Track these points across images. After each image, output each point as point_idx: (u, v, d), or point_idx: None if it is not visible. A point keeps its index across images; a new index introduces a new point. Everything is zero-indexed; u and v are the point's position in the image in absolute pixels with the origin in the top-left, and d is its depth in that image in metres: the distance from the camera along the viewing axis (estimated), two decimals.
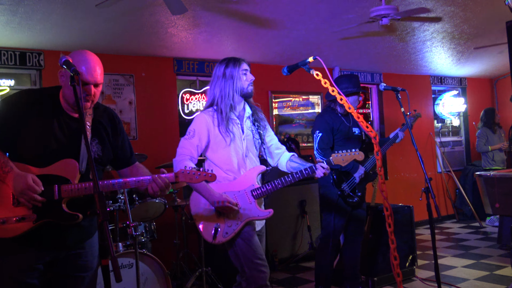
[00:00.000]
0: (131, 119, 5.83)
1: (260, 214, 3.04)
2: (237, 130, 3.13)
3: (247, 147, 3.17)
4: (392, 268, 2.55)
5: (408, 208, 5.33)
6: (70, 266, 2.49)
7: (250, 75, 3.15)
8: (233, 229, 2.97)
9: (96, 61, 2.43)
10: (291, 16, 4.92)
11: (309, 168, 3.06)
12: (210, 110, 3.13)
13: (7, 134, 2.34)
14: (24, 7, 4.05)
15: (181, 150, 3.02)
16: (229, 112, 3.08)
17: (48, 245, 2.40)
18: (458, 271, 5.47)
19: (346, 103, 2.56)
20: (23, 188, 2.23)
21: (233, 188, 3.05)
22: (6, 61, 5.09)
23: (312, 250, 5.99)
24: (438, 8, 4.99)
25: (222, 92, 3.09)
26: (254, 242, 3.02)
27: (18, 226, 2.29)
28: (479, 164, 8.43)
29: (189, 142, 3.04)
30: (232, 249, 3.04)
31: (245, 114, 3.20)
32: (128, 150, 2.69)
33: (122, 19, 4.56)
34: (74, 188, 2.33)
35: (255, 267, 2.96)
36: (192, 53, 6.10)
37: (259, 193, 3.05)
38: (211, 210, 3.01)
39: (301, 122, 7.43)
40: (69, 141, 2.41)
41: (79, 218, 2.37)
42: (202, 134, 3.06)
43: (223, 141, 3.07)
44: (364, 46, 6.45)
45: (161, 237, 5.14)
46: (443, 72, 8.85)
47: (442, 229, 8.10)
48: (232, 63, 3.12)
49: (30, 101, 2.40)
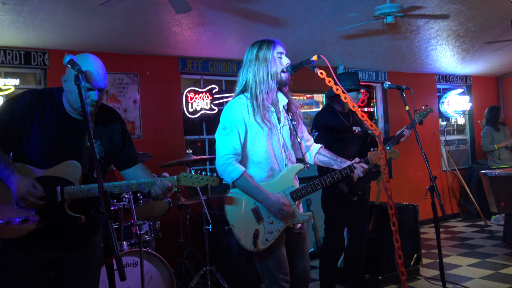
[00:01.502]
0: (136, 118, 5.84)
1: (300, 217, 2.86)
2: (274, 119, 2.85)
3: (284, 139, 2.90)
4: (397, 267, 2.54)
5: (412, 207, 5.32)
6: (73, 265, 2.50)
7: (285, 58, 2.84)
8: (273, 235, 2.78)
9: (100, 65, 2.41)
10: (295, 14, 4.91)
11: (348, 168, 2.90)
12: (242, 97, 2.83)
13: (10, 134, 2.34)
14: (29, 7, 4.06)
15: (223, 151, 2.76)
16: (265, 98, 2.80)
17: (52, 245, 2.42)
18: (463, 270, 5.45)
19: (350, 102, 2.55)
20: (23, 193, 2.24)
21: (272, 189, 2.80)
22: (11, 61, 5.11)
23: (317, 249, 5.99)
24: (443, 6, 4.97)
25: (256, 76, 2.79)
26: (280, 254, 2.83)
27: (22, 227, 2.30)
28: (484, 163, 8.40)
29: (228, 138, 2.76)
30: (257, 255, 2.87)
31: (280, 102, 2.93)
32: (131, 151, 2.68)
33: (126, 18, 4.56)
34: (77, 189, 2.34)
35: (275, 281, 2.79)
36: (197, 52, 6.11)
37: (299, 195, 2.86)
38: (250, 216, 2.80)
39: (306, 120, 7.42)
40: (71, 142, 2.41)
41: (81, 220, 2.38)
42: (240, 125, 2.76)
43: (260, 132, 2.79)
44: (368, 45, 6.43)
45: (166, 236, 5.15)
46: (448, 70, 8.82)
47: (447, 227, 8.08)
48: (266, 45, 2.83)
49: (33, 102, 2.39)
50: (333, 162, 3.04)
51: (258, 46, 2.85)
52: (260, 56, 2.81)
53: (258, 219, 2.79)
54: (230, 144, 2.74)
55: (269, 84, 2.80)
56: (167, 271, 4.14)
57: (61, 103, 2.44)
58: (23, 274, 2.36)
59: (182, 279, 5.07)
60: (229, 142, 2.74)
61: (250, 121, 2.77)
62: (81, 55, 2.40)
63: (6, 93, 5.01)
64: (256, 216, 2.80)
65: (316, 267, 5.76)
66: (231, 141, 2.75)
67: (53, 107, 2.42)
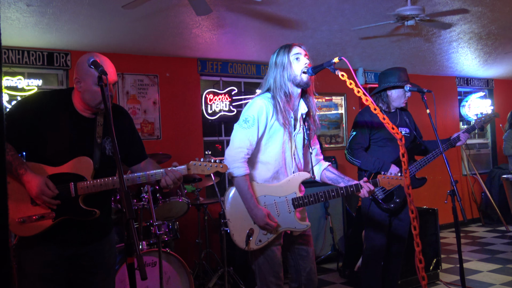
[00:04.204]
0: (155, 119, 5.88)
1: (297, 226, 2.87)
2: (291, 126, 2.88)
3: (297, 146, 2.94)
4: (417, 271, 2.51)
5: (432, 211, 5.26)
6: (90, 263, 2.55)
7: (304, 58, 2.84)
8: (267, 237, 2.81)
9: (110, 61, 2.51)
10: (315, 17, 4.90)
11: (355, 186, 2.89)
12: (267, 96, 2.87)
13: (23, 133, 2.40)
14: (52, 8, 4.12)
15: (239, 142, 2.79)
16: (286, 102, 2.82)
17: (68, 242, 2.47)
18: (484, 275, 5.37)
19: (371, 104, 2.53)
20: (37, 192, 2.29)
21: (275, 192, 2.85)
22: (34, 61, 5.20)
23: (335, 252, 5.96)
24: (466, 8, 4.91)
25: (275, 82, 2.84)
26: (274, 258, 2.86)
27: (38, 224, 2.36)
28: (506, 167, 8.27)
29: (247, 132, 2.78)
30: (251, 256, 2.92)
31: (300, 110, 2.95)
32: (140, 146, 2.74)
33: (147, 20, 4.60)
34: (90, 184, 2.39)
35: (267, 284, 2.84)
36: (216, 54, 6.13)
37: (301, 203, 2.87)
38: (247, 214, 2.82)
39: (324, 123, 7.39)
40: (83, 140, 2.47)
41: (96, 214, 2.43)
42: (261, 122, 2.79)
43: (276, 134, 2.83)
44: (388, 47, 6.39)
45: (184, 236, 5.18)
46: (469, 73, 8.71)
47: (467, 232, 7.97)
48: (282, 50, 2.87)
49: (45, 102, 2.46)
50: (340, 180, 3.03)
51: (277, 53, 2.91)
52: (278, 62, 2.86)
53: None
54: (247, 138, 2.78)
55: (288, 88, 2.83)
56: (185, 272, 4.16)
57: (71, 103, 2.50)
58: (40, 272, 2.41)
59: (200, 280, 5.09)
60: (246, 135, 2.78)
61: (271, 121, 2.80)
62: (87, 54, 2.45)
63: (29, 93, 5.09)
64: None
65: (333, 269, 5.75)
66: (249, 135, 2.78)
67: (64, 106, 2.48)
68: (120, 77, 5.67)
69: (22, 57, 5.16)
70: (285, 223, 2.85)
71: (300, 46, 2.90)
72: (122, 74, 5.68)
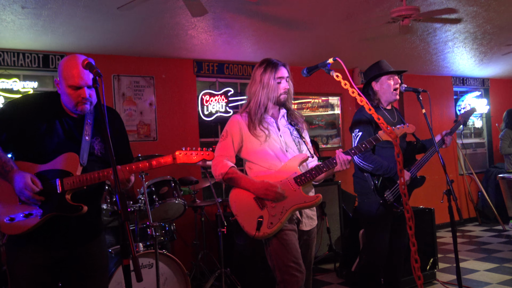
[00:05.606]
0: (152, 120, 5.88)
1: (307, 199, 2.88)
2: (272, 127, 3.07)
3: (286, 142, 3.07)
4: (413, 271, 2.52)
5: (429, 211, 5.27)
6: (81, 266, 2.55)
7: (284, 83, 3.06)
8: (278, 218, 2.84)
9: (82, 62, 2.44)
10: (311, 17, 4.91)
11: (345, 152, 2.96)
12: (243, 112, 3.13)
13: (11, 135, 2.43)
14: (47, 11, 4.12)
15: (217, 153, 3.03)
16: (263, 113, 3.07)
17: (57, 243, 2.47)
18: (481, 274, 5.38)
19: (367, 105, 2.53)
20: (21, 187, 2.31)
21: (275, 178, 2.92)
22: (30, 64, 5.19)
23: (332, 252, 5.96)
24: (461, 8, 4.92)
25: (256, 98, 3.08)
26: (290, 243, 2.89)
27: (26, 222, 2.37)
28: (502, 166, 8.30)
29: (223, 143, 3.06)
30: (267, 248, 2.95)
31: (280, 113, 3.14)
32: (126, 149, 2.76)
33: (143, 21, 4.60)
34: (76, 180, 2.40)
35: (287, 270, 2.84)
36: (212, 55, 6.13)
37: (303, 179, 2.91)
38: (253, 204, 2.90)
39: (320, 123, 7.40)
40: (70, 138, 2.49)
41: (83, 209, 2.42)
42: (235, 134, 3.05)
43: (257, 141, 3.03)
44: (384, 47, 6.40)
45: (181, 237, 5.17)
46: (465, 73, 8.73)
47: (464, 232, 7.99)
48: (269, 69, 3.05)
49: (34, 104, 2.50)
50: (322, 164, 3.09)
51: (264, 68, 3.08)
52: (264, 80, 3.05)
53: (261, 206, 2.89)
54: (224, 148, 3.05)
55: (267, 104, 3.08)
56: (181, 273, 4.16)
57: (59, 103, 2.52)
58: (31, 276, 2.41)
59: (197, 281, 5.09)
60: (224, 146, 3.05)
61: (247, 132, 3.05)
62: (67, 57, 2.46)
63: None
64: (259, 204, 2.90)
65: (330, 270, 5.75)
66: (226, 147, 3.05)
67: (52, 107, 2.50)
68: (116, 78, 5.66)
69: (18, 59, 5.15)
70: (293, 201, 2.88)
71: (285, 66, 3.10)
72: (118, 76, 5.67)
